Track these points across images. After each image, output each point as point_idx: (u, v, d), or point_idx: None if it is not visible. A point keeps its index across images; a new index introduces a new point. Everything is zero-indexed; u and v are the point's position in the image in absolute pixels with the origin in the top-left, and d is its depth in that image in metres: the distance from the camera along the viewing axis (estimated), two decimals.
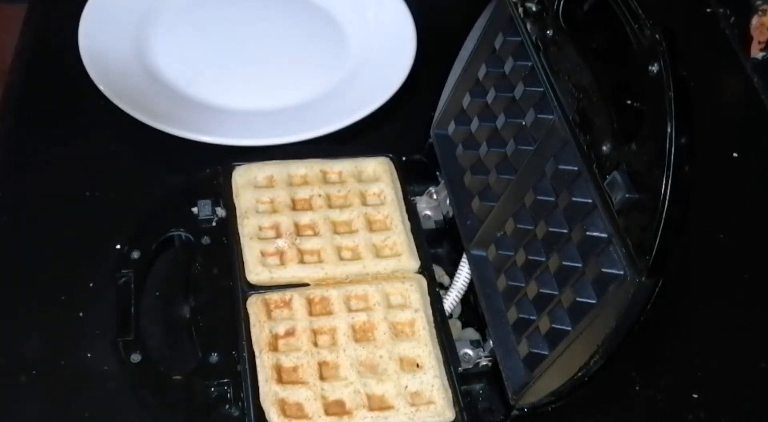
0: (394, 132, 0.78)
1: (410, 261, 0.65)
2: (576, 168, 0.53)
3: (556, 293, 0.54)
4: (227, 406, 0.57)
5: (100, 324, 0.61)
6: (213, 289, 0.63)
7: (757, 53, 0.88)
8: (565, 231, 0.54)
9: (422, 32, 0.84)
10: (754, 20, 0.89)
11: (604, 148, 0.50)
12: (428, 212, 0.71)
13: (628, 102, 0.49)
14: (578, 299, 0.51)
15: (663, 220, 0.44)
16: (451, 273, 0.66)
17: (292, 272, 0.63)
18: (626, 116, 0.49)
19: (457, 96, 0.69)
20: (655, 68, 0.45)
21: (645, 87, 0.46)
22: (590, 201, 0.51)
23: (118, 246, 0.64)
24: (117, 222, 0.66)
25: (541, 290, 0.56)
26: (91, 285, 0.63)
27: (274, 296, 0.62)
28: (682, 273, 0.57)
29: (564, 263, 0.53)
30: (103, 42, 0.79)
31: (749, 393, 0.64)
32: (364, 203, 0.68)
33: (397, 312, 0.62)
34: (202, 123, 0.74)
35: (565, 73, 0.55)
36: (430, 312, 0.62)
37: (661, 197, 0.44)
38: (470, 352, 0.61)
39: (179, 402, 0.57)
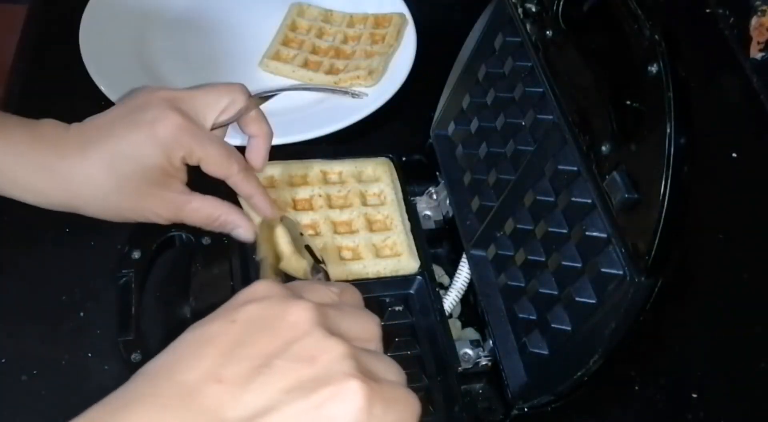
0: (394, 132, 0.78)
1: (410, 261, 0.65)
2: (575, 168, 0.53)
3: (556, 293, 0.54)
4: None
5: (101, 324, 0.61)
6: (213, 289, 0.63)
7: (756, 53, 0.88)
8: (564, 231, 0.54)
9: (422, 32, 0.84)
10: (754, 21, 0.89)
11: (604, 148, 0.50)
12: (428, 212, 0.71)
13: (628, 102, 0.49)
14: (578, 299, 0.51)
15: (662, 220, 0.44)
16: (451, 273, 0.66)
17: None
18: (626, 116, 0.49)
19: (457, 96, 0.69)
20: (654, 68, 0.45)
21: (645, 87, 0.46)
22: (590, 201, 0.51)
23: (119, 246, 0.64)
24: (117, 223, 0.66)
25: (541, 290, 0.56)
26: (91, 285, 0.63)
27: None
28: (682, 273, 0.57)
29: (563, 263, 0.53)
30: (103, 42, 0.79)
31: (749, 393, 0.64)
32: (364, 203, 0.68)
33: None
34: None
35: (565, 73, 0.55)
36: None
37: (661, 197, 0.44)
38: (470, 352, 0.61)
39: None
